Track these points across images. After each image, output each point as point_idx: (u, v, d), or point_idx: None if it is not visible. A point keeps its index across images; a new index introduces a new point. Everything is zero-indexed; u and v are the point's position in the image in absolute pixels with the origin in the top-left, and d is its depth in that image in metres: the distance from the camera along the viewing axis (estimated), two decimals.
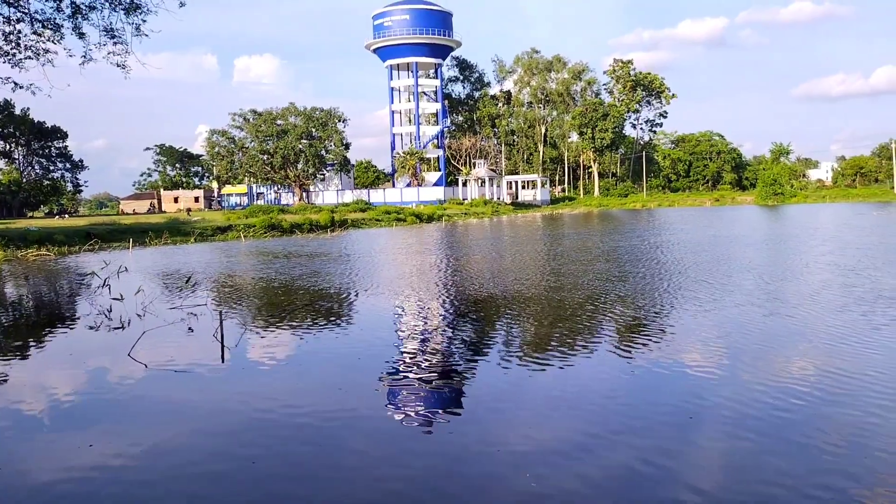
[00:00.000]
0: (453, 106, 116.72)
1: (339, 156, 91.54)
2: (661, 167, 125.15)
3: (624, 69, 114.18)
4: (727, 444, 6.44)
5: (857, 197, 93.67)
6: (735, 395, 7.75)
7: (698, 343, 10.38)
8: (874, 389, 7.70)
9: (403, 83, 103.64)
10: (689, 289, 15.73)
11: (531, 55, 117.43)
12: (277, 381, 9.18)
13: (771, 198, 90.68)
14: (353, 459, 6.33)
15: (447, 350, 10.75)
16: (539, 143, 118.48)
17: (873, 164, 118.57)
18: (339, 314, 14.28)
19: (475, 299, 15.55)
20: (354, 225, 55.54)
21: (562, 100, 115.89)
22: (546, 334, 11.62)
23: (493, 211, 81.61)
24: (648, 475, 5.76)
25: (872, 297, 13.65)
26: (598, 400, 7.89)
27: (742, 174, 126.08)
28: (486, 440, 6.73)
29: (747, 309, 12.98)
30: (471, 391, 8.52)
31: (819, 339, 10.40)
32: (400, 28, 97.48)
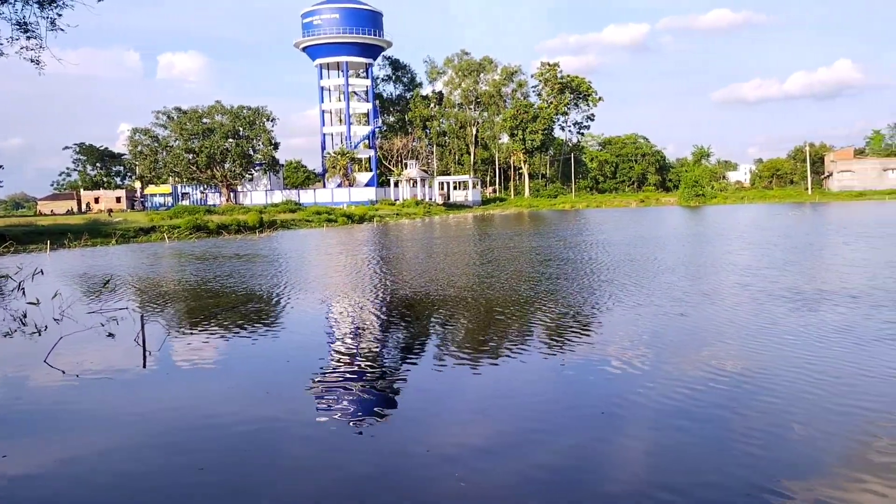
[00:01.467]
0: (385, 106, 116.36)
1: (267, 155, 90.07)
2: (589, 169, 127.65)
3: (551, 72, 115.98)
4: (649, 438, 6.61)
5: (773, 198, 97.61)
6: (655, 390, 7.96)
7: (620, 341, 10.61)
8: (782, 381, 8.03)
9: (334, 82, 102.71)
10: (611, 288, 16.08)
11: (462, 57, 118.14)
12: (203, 385, 8.97)
13: (693, 199, 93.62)
14: (284, 464, 6.22)
15: (378, 351, 10.70)
16: (470, 144, 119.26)
17: (789, 166, 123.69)
18: (268, 317, 14.05)
19: (407, 300, 15.53)
20: (284, 226, 54.74)
21: (493, 101, 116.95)
22: (477, 334, 11.70)
23: (425, 212, 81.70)
24: (575, 471, 5.87)
25: (784, 294, 14.24)
26: (526, 399, 7.99)
27: (666, 176, 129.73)
28: (417, 441, 6.73)
29: (665, 307, 13.35)
30: (402, 392, 8.50)
31: (729, 335, 10.78)
32: (329, 27, 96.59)
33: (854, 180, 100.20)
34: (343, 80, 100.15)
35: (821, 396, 7.50)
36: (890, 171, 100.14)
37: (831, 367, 8.61)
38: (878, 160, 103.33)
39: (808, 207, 69.45)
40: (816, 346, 9.70)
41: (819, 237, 30.44)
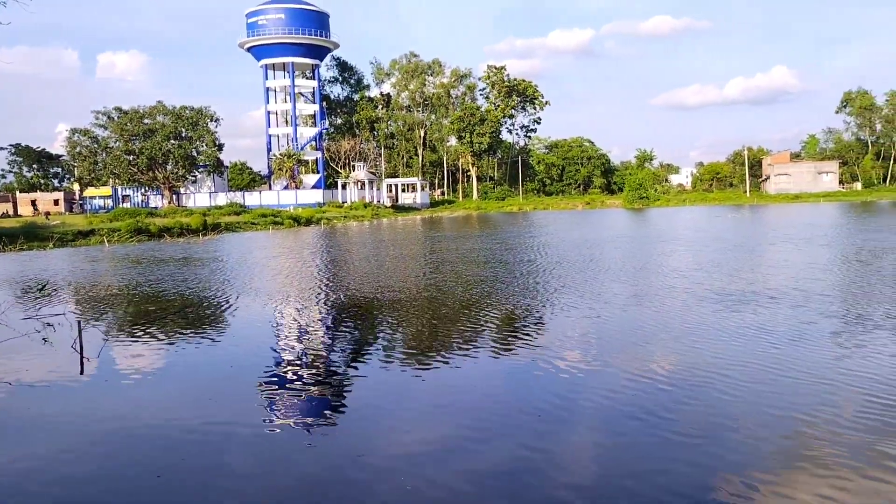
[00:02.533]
0: (332, 108, 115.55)
1: (211, 157, 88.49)
2: (536, 171, 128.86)
3: (498, 75, 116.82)
4: (592, 438, 6.71)
5: (714, 200, 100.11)
6: (596, 390, 8.08)
7: (563, 342, 10.74)
8: (716, 380, 8.24)
9: (280, 83, 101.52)
10: (556, 290, 16.28)
11: (410, 59, 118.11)
12: (145, 392, 8.76)
13: (637, 201, 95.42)
14: (229, 472, 6.12)
15: (324, 355, 10.62)
16: (419, 146, 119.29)
17: (728, 169, 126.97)
18: (211, 321, 13.81)
19: (354, 304, 15.45)
20: (228, 228, 53.85)
21: (441, 104, 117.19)
22: (425, 337, 11.70)
23: (374, 214, 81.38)
24: (520, 474, 5.91)
25: (717, 296, 14.63)
26: (475, 401, 8.02)
27: (611, 179, 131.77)
28: (364, 445, 6.69)
29: (606, 309, 13.59)
30: (348, 396, 8.44)
31: (665, 335, 11.02)
32: (275, 27, 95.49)
33: (790, 183, 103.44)
34: (289, 81, 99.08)
35: (752, 394, 7.72)
36: (824, 175, 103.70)
37: (761, 365, 8.87)
38: (812, 164, 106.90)
39: (746, 210, 71.43)
40: (748, 346, 9.98)
41: (751, 239, 31.32)
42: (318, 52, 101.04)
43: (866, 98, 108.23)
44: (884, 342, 9.91)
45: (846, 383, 7.98)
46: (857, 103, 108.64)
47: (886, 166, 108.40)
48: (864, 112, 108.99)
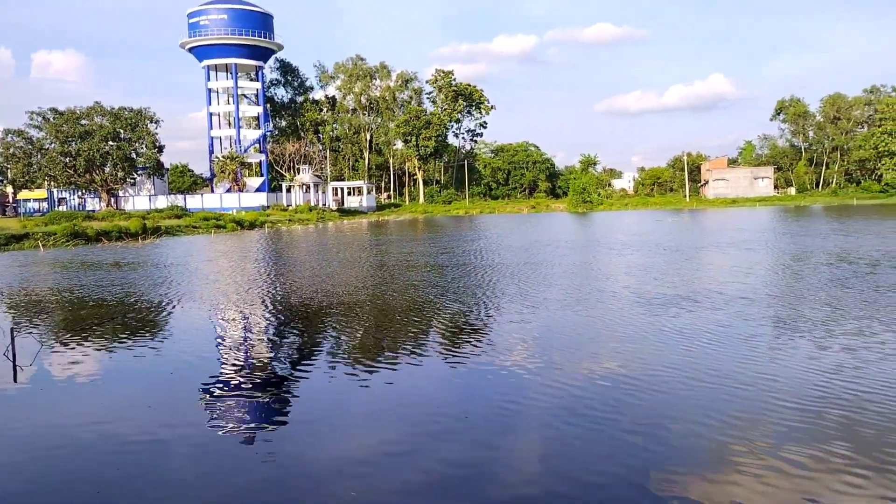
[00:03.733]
0: (276, 110, 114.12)
1: (151, 159, 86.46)
2: (482, 175, 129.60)
3: (445, 79, 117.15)
4: (536, 439, 6.83)
5: (655, 205, 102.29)
6: (540, 391, 8.22)
7: (508, 345, 10.86)
8: (656, 378, 8.47)
9: (222, 84, 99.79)
10: (500, 293, 16.44)
11: (356, 62, 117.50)
12: (81, 401, 8.54)
13: (581, 205, 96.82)
14: (170, 482, 6.02)
15: (268, 360, 10.51)
16: (365, 149, 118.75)
17: (668, 174, 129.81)
18: (151, 327, 13.52)
19: (299, 308, 15.31)
20: (169, 232, 52.69)
21: (386, 107, 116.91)
22: (370, 342, 11.68)
23: (319, 217, 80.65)
24: (466, 476, 5.96)
25: (654, 299, 14.99)
26: (419, 404, 8.05)
27: (555, 183, 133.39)
28: (308, 451, 6.66)
29: (552, 311, 13.79)
30: (293, 401, 8.38)
31: (607, 337, 11.27)
32: (217, 28, 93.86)
33: (728, 188, 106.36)
34: (232, 82, 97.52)
35: (683, 394, 7.95)
36: (760, 180, 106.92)
37: (692, 366, 9.14)
38: (749, 169, 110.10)
39: (685, 214, 73.17)
40: (680, 347, 10.27)
41: (688, 243, 32.11)
42: (261, 54, 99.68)
43: (799, 106, 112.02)
44: (804, 344, 10.30)
45: (772, 382, 8.28)
46: (791, 111, 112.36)
47: (818, 172, 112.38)
48: (798, 119, 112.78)
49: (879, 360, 9.07)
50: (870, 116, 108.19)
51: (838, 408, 7.27)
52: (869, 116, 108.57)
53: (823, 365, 8.94)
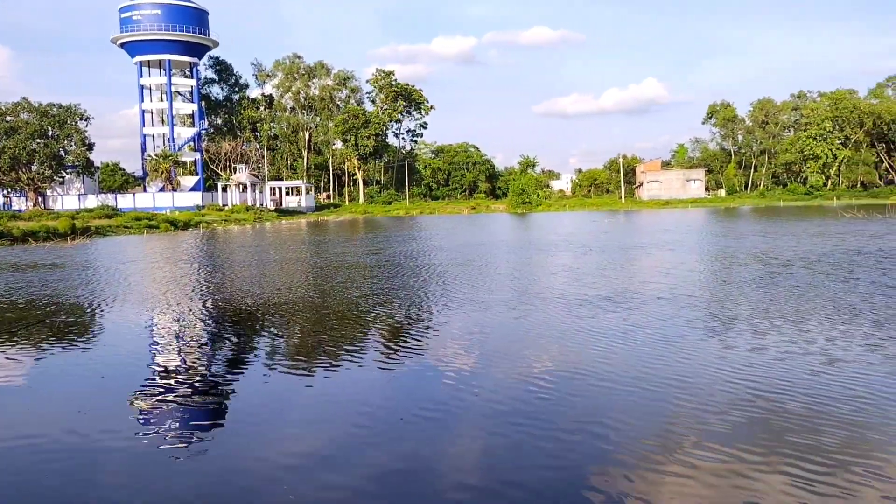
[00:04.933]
0: (212, 108, 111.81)
1: (80, 157, 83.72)
2: (422, 176, 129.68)
3: (386, 79, 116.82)
4: (474, 440, 6.82)
5: (592, 206, 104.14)
6: (483, 391, 8.23)
7: (446, 346, 10.85)
8: (595, 377, 8.58)
9: (155, 81, 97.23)
10: (440, 294, 16.44)
11: (293, 60, 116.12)
12: (5, 407, 8.15)
13: (520, 206, 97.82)
14: (100, 491, 5.79)
15: (203, 364, 10.24)
16: (303, 148, 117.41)
17: (605, 176, 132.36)
18: (80, 330, 13.02)
19: (235, 310, 14.99)
20: (99, 232, 51.02)
21: (325, 106, 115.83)
22: (307, 343, 11.51)
23: (256, 217, 79.33)
24: (406, 478, 5.91)
25: (591, 299, 15.23)
26: (358, 406, 7.95)
27: (495, 184, 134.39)
28: (245, 456, 6.50)
29: (491, 312, 13.85)
30: (230, 405, 8.18)
31: (546, 337, 11.38)
32: (150, 23, 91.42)
33: (661, 190, 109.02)
34: (166, 79, 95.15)
35: (624, 393, 8.07)
36: (692, 182, 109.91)
37: (632, 364, 9.30)
38: (681, 171, 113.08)
39: (621, 215, 74.70)
40: (619, 346, 10.45)
41: (623, 244, 32.78)
42: (196, 50, 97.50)
43: (729, 110, 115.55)
44: (745, 340, 10.59)
45: (710, 380, 8.48)
46: (721, 115, 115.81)
47: (747, 174, 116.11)
48: (728, 123, 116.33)
49: (792, 357, 9.39)
50: (796, 121, 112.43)
51: (755, 404, 7.48)
52: (795, 121, 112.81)
53: (739, 362, 9.22)
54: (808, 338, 10.44)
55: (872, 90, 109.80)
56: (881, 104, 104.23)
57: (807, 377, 8.36)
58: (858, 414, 7.05)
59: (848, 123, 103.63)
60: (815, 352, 9.56)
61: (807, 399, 7.55)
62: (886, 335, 10.53)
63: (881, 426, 6.74)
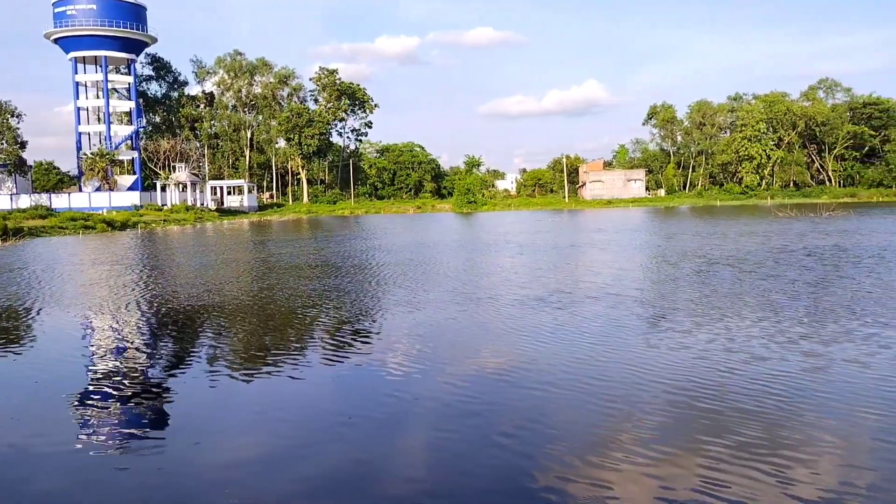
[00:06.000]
0: (150, 106, 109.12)
1: (12, 155, 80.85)
2: (367, 175, 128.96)
3: (329, 78, 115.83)
4: (419, 438, 6.92)
5: (536, 205, 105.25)
6: (429, 390, 8.33)
7: (392, 347, 10.93)
8: (539, 374, 8.76)
9: (91, 78, 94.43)
10: (386, 295, 16.50)
11: (235, 57, 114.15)
12: None
13: (466, 206, 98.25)
14: (38, 495, 5.71)
15: (144, 367, 10.08)
16: (245, 147, 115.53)
17: (549, 176, 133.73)
18: (12, 335, 12.65)
19: (175, 312, 14.75)
20: (33, 233, 49.38)
21: (267, 104, 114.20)
22: (252, 345, 11.42)
23: (197, 217, 77.81)
24: (352, 477, 5.97)
25: (535, 298, 15.49)
26: (303, 407, 7.96)
27: (441, 183, 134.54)
28: (187, 459, 6.47)
29: (436, 312, 13.97)
30: (172, 409, 8.10)
31: (491, 336, 11.56)
32: (86, 18, 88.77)
33: (603, 190, 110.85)
34: (102, 75, 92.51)
35: (566, 388, 8.28)
36: (633, 182, 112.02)
37: (574, 361, 9.54)
38: (623, 172, 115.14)
39: (565, 214, 75.73)
40: (561, 343, 10.69)
41: (566, 243, 33.31)
42: (133, 47, 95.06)
43: (669, 111, 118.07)
44: (670, 338, 10.94)
45: (635, 379, 8.76)
46: (661, 116, 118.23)
47: (686, 174, 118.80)
48: (667, 124, 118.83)
49: (713, 355, 9.77)
50: (732, 123, 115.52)
51: (679, 400, 7.77)
52: (731, 122, 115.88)
53: (663, 361, 9.56)
54: (729, 335, 10.85)
55: (804, 93, 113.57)
56: (813, 106, 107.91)
57: (727, 374, 8.71)
58: (776, 409, 7.40)
59: (781, 125, 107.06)
60: (736, 349, 9.96)
61: (728, 395, 7.88)
62: (803, 332, 11.02)
63: (796, 420, 7.08)
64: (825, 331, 10.93)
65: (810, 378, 8.38)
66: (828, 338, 10.43)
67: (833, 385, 8.11)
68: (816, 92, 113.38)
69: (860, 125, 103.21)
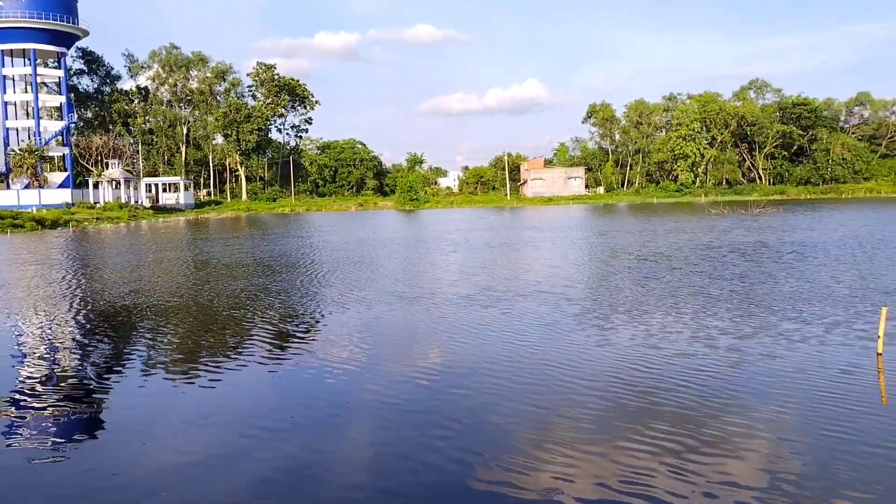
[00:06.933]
0: (81, 100, 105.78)
1: None
2: (308, 172, 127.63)
3: (268, 73, 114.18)
4: (364, 435, 7.05)
5: (479, 203, 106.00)
6: (371, 388, 8.46)
7: (334, 345, 11.00)
8: (478, 370, 8.97)
9: (19, 71, 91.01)
10: (327, 292, 16.50)
11: (170, 51, 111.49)
12: None
13: (408, 203, 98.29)
14: None
15: (76, 370, 9.92)
16: (181, 143, 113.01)
17: (491, 174, 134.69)
18: None
19: (109, 314, 14.48)
20: None
21: (204, 99, 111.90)
22: (189, 346, 11.32)
23: (131, 215, 75.89)
24: (294, 478, 6.02)
25: (475, 295, 15.73)
26: (244, 407, 7.97)
27: (383, 181, 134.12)
28: (122, 462, 6.44)
29: (378, 310, 14.07)
30: (105, 412, 8.03)
31: (432, 333, 11.72)
32: (13, 9, 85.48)
33: (544, 187, 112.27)
34: (30, 69, 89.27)
35: (505, 383, 8.51)
36: (573, 180, 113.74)
37: (513, 357, 9.78)
38: (563, 170, 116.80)
39: (506, 212, 76.44)
40: (500, 340, 10.92)
41: (506, 241, 33.72)
42: (64, 40, 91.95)
43: (608, 110, 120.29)
44: (602, 334, 11.28)
45: (572, 372, 9.04)
46: (600, 115, 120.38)
47: (624, 172, 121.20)
48: (606, 123, 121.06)
49: (633, 349, 10.15)
50: (667, 122, 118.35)
51: (605, 395, 8.08)
52: (667, 122, 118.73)
53: (585, 357, 9.87)
54: (651, 332, 11.28)
55: (736, 93, 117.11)
56: (744, 106, 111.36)
57: (648, 370, 9.06)
58: (697, 404, 7.76)
59: (714, 124, 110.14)
60: (659, 345, 10.38)
61: (649, 390, 8.22)
62: (722, 327, 11.51)
63: (716, 413, 7.45)
64: (743, 326, 11.44)
65: (730, 372, 8.80)
66: (745, 333, 10.92)
67: (750, 379, 8.54)
68: (747, 92, 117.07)
69: (789, 125, 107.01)
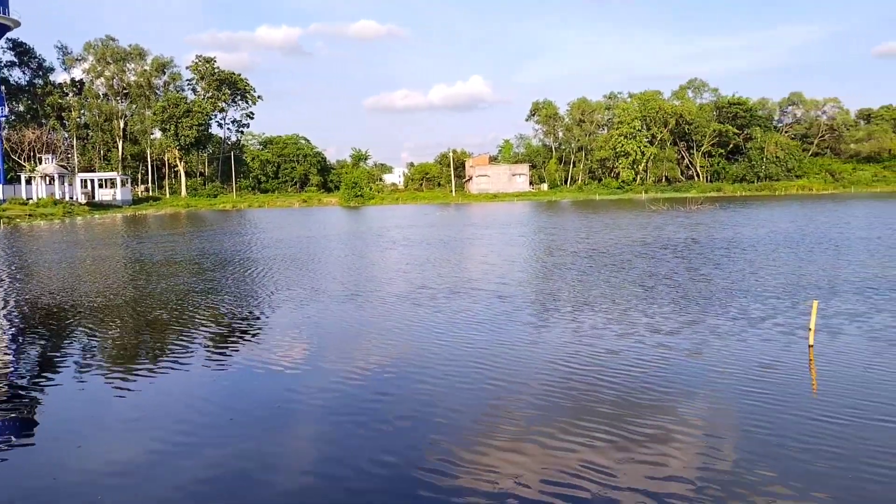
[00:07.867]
0: (12, 93, 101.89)
1: None
2: (250, 168, 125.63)
3: (207, 66, 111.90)
4: (310, 433, 6.97)
5: (424, 199, 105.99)
6: (316, 387, 8.36)
7: (278, 343, 10.84)
8: (423, 366, 8.93)
9: None
10: (270, 291, 16.27)
11: (106, 43, 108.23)
12: None
13: (353, 199, 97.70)
14: None
15: (7, 372, 9.53)
16: (118, 138, 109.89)
17: (436, 170, 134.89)
18: None
19: (42, 314, 13.99)
20: None
21: (141, 93, 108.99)
22: (127, 346, 11.00)
23: (66, 212, 73.48)
24: (237, 477, 5.93)
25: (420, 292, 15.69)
26: (183, 409, 7.79)
27: (327, 177, 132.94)
28: (58, 466, 6.26)
29: (322, 308, 13.92)
30: (39, 414, 7.78)
31: (376, 331, 11.65)
32: None
33: (489, 184, 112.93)
34: None
35: (450, 378, 8.50)
36: (517, 176, 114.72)
37: (458, 352, 9.78)
38: (507, 166, 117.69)
39: (451, 208, 76.66)
40: (445, 336, 10.93)
41: (451, 238, 33.82)
42: None
43: (551, 108, 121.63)
44: (551, 330, 11.38)
45: (516, 367, 9.11)
46: (543, 112, 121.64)
47: (567, 169, 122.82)
48: (549, 120, 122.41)
49: (568, 346, 10.30)
50: (609, 120, 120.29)
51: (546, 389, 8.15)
52: (608, 120, 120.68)
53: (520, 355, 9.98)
54: (581, 328, 11.47)
55: (675, 92, 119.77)
56: (682, 105, 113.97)
57: (580, 365, 9.19)
58: (628, 396, 7.87)
59: (654, 123, 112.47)
60: (588, 342, 10.55)
61: (580, 385, 8.32)
62: (649, 322, 11.75)
63: (648, 405, 7.57)
64: (674, 322, 11.67)
65: (661, 368, 8.97)
66: (676, 329, 11.16)
67: (681, 373, 8.72)
68: (686, 92, 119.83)
69: (725, 124, 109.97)
